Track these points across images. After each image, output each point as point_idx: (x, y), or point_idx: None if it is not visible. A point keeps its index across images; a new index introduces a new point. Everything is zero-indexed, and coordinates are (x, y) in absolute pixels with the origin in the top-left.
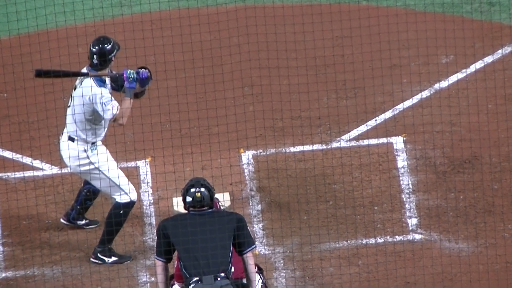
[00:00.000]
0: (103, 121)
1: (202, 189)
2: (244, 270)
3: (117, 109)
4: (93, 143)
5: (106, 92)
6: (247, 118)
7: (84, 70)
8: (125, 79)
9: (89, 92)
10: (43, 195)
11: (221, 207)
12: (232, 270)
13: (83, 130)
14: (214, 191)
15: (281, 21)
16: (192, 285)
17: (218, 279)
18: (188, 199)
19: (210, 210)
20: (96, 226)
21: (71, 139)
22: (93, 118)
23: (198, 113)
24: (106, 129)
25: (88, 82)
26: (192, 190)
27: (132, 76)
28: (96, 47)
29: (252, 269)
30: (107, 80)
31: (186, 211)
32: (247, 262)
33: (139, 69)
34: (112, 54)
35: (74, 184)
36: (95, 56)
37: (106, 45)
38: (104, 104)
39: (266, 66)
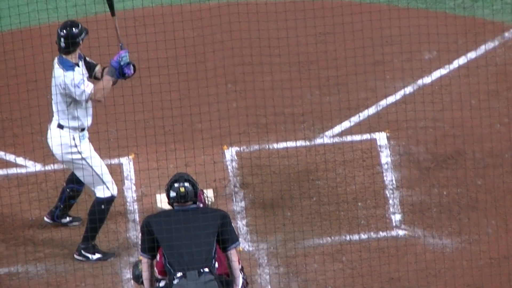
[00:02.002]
0: (85, 105)
1: (186, 184)
2: (228, 267)
3: (91, 89)
4: (82, 131)
5: (76, 73)
6: (231, 115)
7: (55, 60)
8: (117, 56)
9: (60, 78)
10: (27, 192)
11: (207, 199)
12: (216, 266)
13: (68, 117)
14: (198, 185)
15: (264, 17)
16: (176, 281)
17: (202, 274)
18: (172, 194)
19: (194, 205)
20: (79, 223)
21: (60, 126)
22: (74, 103)
23: (181, 110)
24: (91, 114)
25: (58, 71)
26: (176, 185)
27: (125, 60)
28: (64, 31)
29: (236, 265)
30: (80, 64)
31: (170, 208)
32: (231, 258)
33: (132, 64)
34: (80, 37)
35: (58, 181)
36: (62, 39)
37: (73, 29)
38: (77, 85)
39: (250, 62)
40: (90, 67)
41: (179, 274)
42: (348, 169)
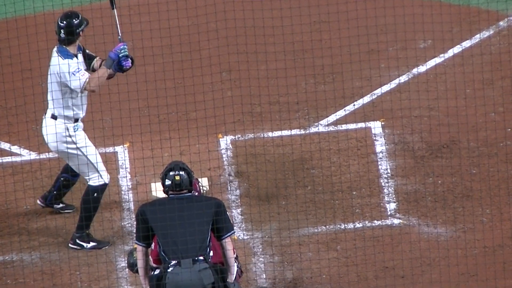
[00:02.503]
0: (79, 95)
1: (181, 172)
2: (223, 256)
3: (86, 78)
4: (75, 121)
5: (73, 62)
6: (225, 103)
7: (54, 49)
8: (116, 48)
9: (56, 67)
10: (21, 180)
11: (201, 188)
12: (211, 254)
13: (62, 107)
14: (193, 174)
15: (259, 6)
16: (170, 269)
17: (197, 262)
18: (167, 182)
19: (189, 194)
20: (72, 211)
21: (53, 117)
22: (69, 93)
23: (176, 99)
24: (85, 105)
25: (55, 59)
26: (171, 173)
27: (123, 53)
28: (64, 22)
29: (231, 254)
30: (79, 56)
31: (165, 196)
32: (226, 247)
33: (130, 58)
34: (80, 29)
35: (53, 170)
36: (62, 30)
37: (73, 19)
38: (73, 73)
39: (244, 51)
40: (88, 59)
41: (173, 262)
42: (342, 157)
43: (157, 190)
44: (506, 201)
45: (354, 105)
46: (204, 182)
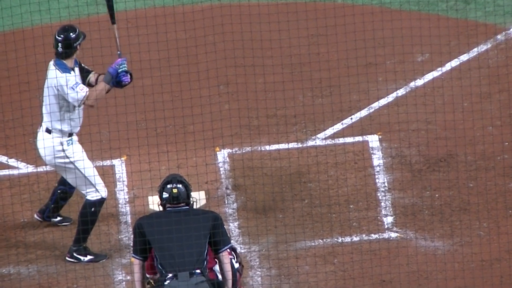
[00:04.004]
0: (76, 109)
1: (179, 185)
2: (220, 269)
3: (85, 93)
4: (69, 135)
5: (71, 76)
6: (223, 117)
7: (52, 62)
8: (115, 63)
9: (54, 80)
10: (19, 193)
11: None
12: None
13: (58, 121)
14: (191, 187)
15: (257, 19)
16: (167, 281)
17: (194, 276)
18: (165, 195)
19: (187, 207)
20: (69, 223)
21: (48, 131)
22: (66, 106)
23: (173, 112)
24: (81, 119)
25: (53, 72)
26: (169, 186)
27: (123, 68)
28: (62, 35)
29: (228, 268)
30: (76, 70)
31: (162, 209)
32: (223, 261)
33: (129, 73)
34: (77, 42)
35: (50, 183)
36: (60, 44)
37: (71, 33)
38: (71, 88)
39: (242, 64)
40: (84, 73)
41: (170, 275)
42: (340, 171)
43: (154, 203)
44: (503, 214)
45: (351, 118)
46: (201, 195)
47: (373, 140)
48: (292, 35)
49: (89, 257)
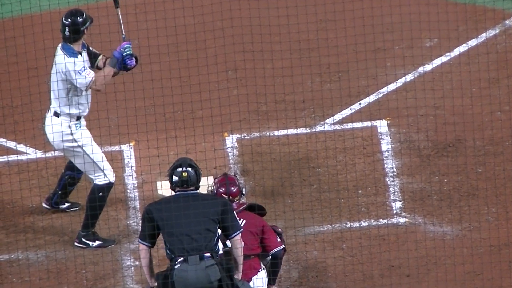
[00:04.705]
0: (84, 93)
1: (189, 169)
2: (231, 253)
3: (92, 77)
4: (78, 119)
5: (78, 61)
6: (231, 102)
7: (59, 46)
8: (120, 47)
9: (62, 65)
10: (27, 179)
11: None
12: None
13: (66, 105)
14: (201, 171)
15: (265, 4)
16: (178, 265)
17: (204, 259)
18: (175, 178)
19: (196, 191)
20: (78, 208)
21: (56, 114)
22: (74, 90)
23: (182, 97)
24: (90, 103)
25: (60, 57)
26: (179, 169)
27: (128, 52)
28: (69, 20)
29: (239, 252)
30: (84, 54)
31: (170, 194)
32: (235, 245)
33: (134, 56)
34: (85, 26)
35: (58, 168)
36: (67, 28)
37: (78, 17)
38: (78, 72)
39: (250, 49)
40: (92, 57)
41: (180, 259)
42: (348, 156)
43: (163, 189)
44: None
45: (360, 103)
46: (210, 180)
47: (382, 125)
48: (301, 21)
49: (97, 242)
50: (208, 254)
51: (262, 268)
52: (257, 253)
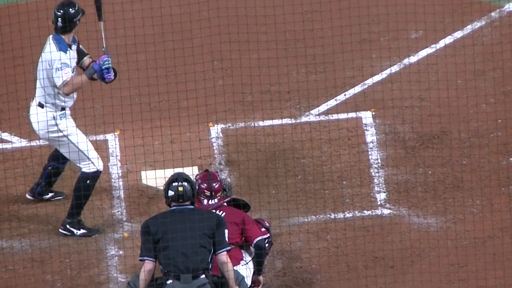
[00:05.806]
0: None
1: (185, 183)
2: (220, 270)
3: (67, 78)
4: (62, 109)
5: (64, 57)
6: (217, 92)
7: (50, 36)
8: (99, 59)
9: (48, 55)
10: (12, 168)
11: (225, 187)
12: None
13: (51, 95)
14: (196, 186)
15: None
16: (170, 281)
17: (196, 278)
18: (170, 193)
19: (191, 206)
20: (62, 197)
21: (40, 105)
22: None
23: (167, 87)
24: (74, 96)
25: (49, 47)
26: (175, 184)
27: (106, 65)
28: (61, 11)
29: (230, 267)
30: (73, 47)
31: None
32: (224, 260)
33: (112, 69)
34: (77, 18)
35: (43, 157)
36: (59, 19)
37: (70, 9)
38: (58, 69)
39: (236, 40)
40: (80, 54)
41: (172, 276)
42: (333, 147)
43: (147, 178)
44: (496, 192)
45: (345, 95)
46: (194, 170)
47: (367, 117)
48: (287, 11)
49: (82, 231)
50: (202, 275)
51: (245, 259)
52: (238, 243)
